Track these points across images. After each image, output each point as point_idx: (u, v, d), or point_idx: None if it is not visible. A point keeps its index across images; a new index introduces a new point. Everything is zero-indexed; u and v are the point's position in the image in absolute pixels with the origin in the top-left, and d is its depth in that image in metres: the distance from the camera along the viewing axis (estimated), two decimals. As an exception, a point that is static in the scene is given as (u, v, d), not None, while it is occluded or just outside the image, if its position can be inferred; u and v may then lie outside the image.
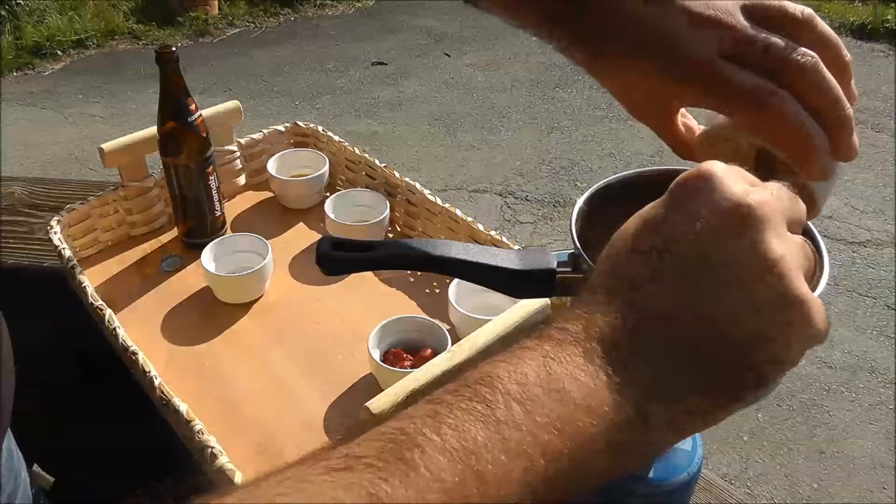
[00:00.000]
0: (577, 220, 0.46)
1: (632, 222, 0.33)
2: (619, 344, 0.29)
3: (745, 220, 0.30)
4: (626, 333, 0.30)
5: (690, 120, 0.45)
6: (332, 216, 0.99)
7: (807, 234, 0.44)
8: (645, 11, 0.38)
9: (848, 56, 0.38)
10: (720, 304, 0.29)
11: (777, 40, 0.37)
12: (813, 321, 0.31)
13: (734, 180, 0.32)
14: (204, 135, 0.94)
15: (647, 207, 0.33)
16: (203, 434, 0.65)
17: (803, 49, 0.37)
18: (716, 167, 0.32)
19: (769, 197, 0.31)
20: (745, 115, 0.38)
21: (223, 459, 0.62)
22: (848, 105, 0.37)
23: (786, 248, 0.30)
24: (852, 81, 0.39)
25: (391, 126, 3.53)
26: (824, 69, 0.36)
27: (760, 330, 0.30)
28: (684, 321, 0.30)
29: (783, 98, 0.36)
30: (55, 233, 0.90)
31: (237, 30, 4.78)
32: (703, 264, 0.30)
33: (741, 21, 0.37)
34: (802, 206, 0.34)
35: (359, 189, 1.06)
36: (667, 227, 0.31)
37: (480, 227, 0.91)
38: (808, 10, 0.38)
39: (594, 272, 0.34)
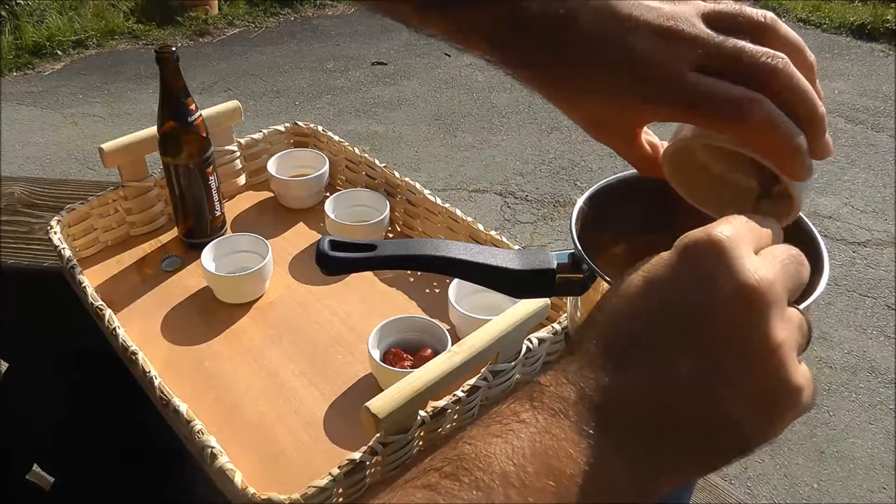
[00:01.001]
0: (577, 220, 0.46)
1: (635, 280, 0.32)
2: (616, 414, 0.30)
3: (750, 304, 0.30)
4: (623, 403, 0.30)
5: (653, 136, 0.43)
6: (332, 216, 0.99)
7: (806, 233, 0.44)
8: (603, 32, 0.37)
9: (812, 57, 0.38)
10: (717, 380, 0.30)
11: (746, 45, 0.36)
12: (802, 405, 0.31)
13: (744, 253, 0.31)
14: (204, 135, 0.94)
15: (653, 265, 0.33)
16: (203, 434, 0.65)
17: (772, 51, 0.36)
18: (725, 233, 0.31)
19: (776, 275, 0.31)
20: (727, 126, 0.37)
21: (223, 459, 0.62)
22: (821, 104, 0.37)
23: (786, 332, 0.31)
24: (817, 81, 0.38)
25: (391, 126, 3.53)
26: (795, 70, 0.36)
27: (753, 409, 0.30)
28: (680, 394, 0.30)
29: (763, 104, 0.35)
30: (55, 233, 0.90)
31: (237, 30, 4.78)
32: (704, 339, 0.30)
33: (705, 30, 0.36)
34: (807, 269, 0.34)
35: (359, 189, 1.06)
36: (670, 295, 0.31)
37: (480, 227, 0.91)
38: (770, 14, 0.38)
39: (594, 323, 0.33)
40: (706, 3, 0.38)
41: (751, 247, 0.32)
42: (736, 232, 0.32)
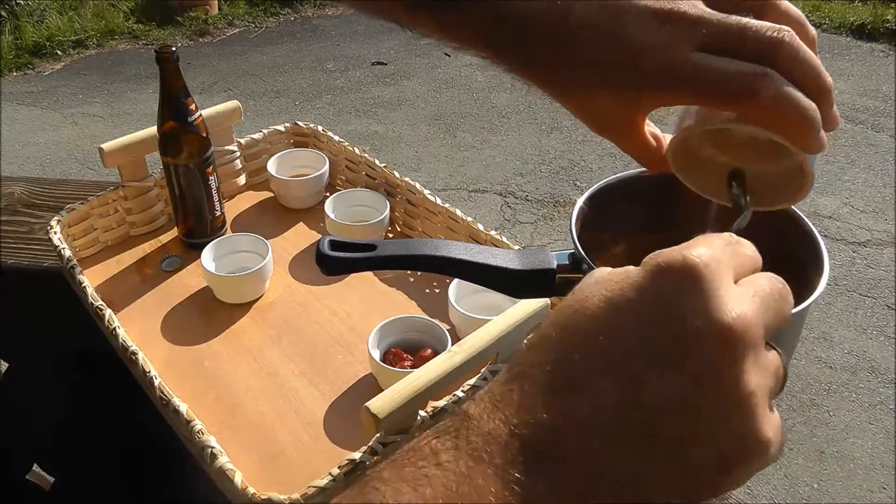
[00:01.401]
0: (577, 220, 0.46)
1: (595, 298, 0.28)
2: (552, 453, 0.26)
3: (724, 344, 0.27)
4: (562, 441, 0.26)
5: (656, 129, 0.42)
6: (332, 216, 0.99)
7: (806, 233, 0.44)
8: (601, 22, 0.35)
9: (813, 31, 0.37)
10: (675, 425, 0.26)
11: (749, 21, 0.35)
12: (769, 458, 0.28)
13: (722, 284, 0.28)
14: (204, 135, 0.94)
15: (617, 283, 0.29)
16: (203, 434, 0.65)
17: (777, 25, 0.35)
18: (703, 258, 0.28)
19: (755, 314, 0.28)
20: (737, 104, 0.35)
21: (223, 459, 0.62)
22: (827, 74, 0.36)
23: (760, 378, 0.28)
24: (818, 54, 0.37)
25: (391, 126, 3.53)
26: (801, 42, 0.35)
27: (715, 459, 0.27)
28: (632, 436, 0.26)
29: (773, 78, 0.34)
30: (55, 233, 0.90)
31: (237, 30, 4.78)
32: (667, 377, 0.26)
33: (706, 9, 0.35)
34: (790, 305, 0.31)
35: (359, 189, 1.06)
36: (634, 322, 0.27)
37: (480, 227, 0.91)
38: None
39: (543, 343, 0.29)
40: None
41: (730, 275, 0.29)
42: (715, 256, 0.28)
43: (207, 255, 0.92)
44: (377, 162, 1.05)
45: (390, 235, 1.04)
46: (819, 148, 0.36)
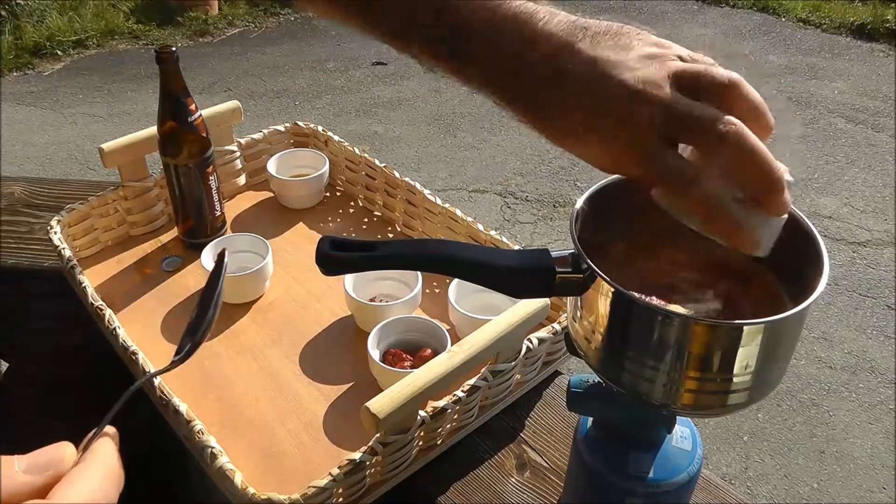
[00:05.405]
0: (576, 220, 0.46)
1: None
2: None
3: None
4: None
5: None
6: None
7: (806, 233, 0.44)
8: (587, 88, 0.40)
9: (771, 119, 0.41)
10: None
11: (703, 114, 0.38)
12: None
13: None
14: (204, 135, 0.94)
15: None
16: (203, 434, 0.65)
17: (727, 118, 0.38)
18: None
19: None
20: (673, 197, 0.41)
21: (223, 459, 0.62)
22: (776, 166, 0.39)
23: None
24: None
25: (391, 126, 3.53)
26: (748, 135, 0.38)
27: None
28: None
29: (701, 186, 0.38)
30: (55, 233, 0.90)
31: (237, 30, 4.78)
32: None
33: (669, 93, 0.39)
34: None
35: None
36: None
37: (480, 227, 0.91)
38: (734, 76, 0.40)
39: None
40: (677, 63, 0.40)
41: None
42: None
43: (207, 255, 0.92)
44: (377, 162, 1.05)
45: (390, 235, 1.04)
46: (752, 249, 0.40)
